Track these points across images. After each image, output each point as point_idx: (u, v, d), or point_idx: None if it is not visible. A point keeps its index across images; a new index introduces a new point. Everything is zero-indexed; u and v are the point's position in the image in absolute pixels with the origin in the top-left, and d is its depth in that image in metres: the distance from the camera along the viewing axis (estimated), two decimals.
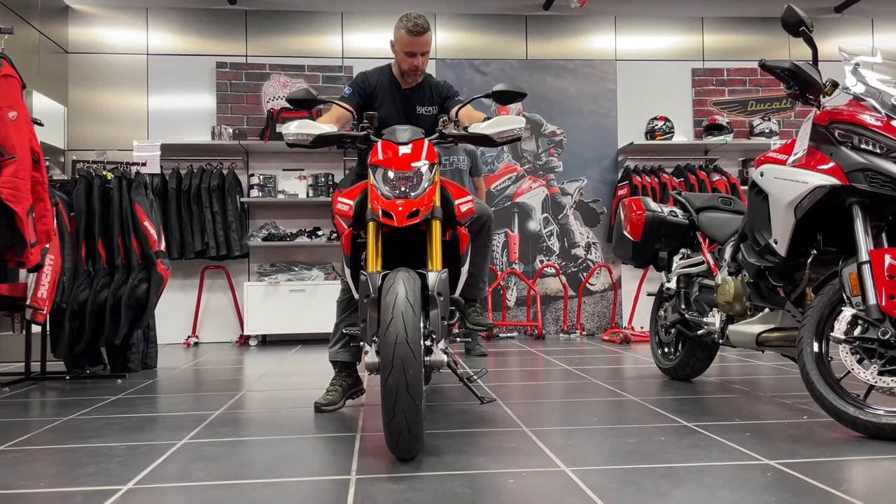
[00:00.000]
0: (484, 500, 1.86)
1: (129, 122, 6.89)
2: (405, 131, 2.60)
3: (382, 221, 2.44)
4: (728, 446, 2.40)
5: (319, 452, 2.44)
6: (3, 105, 2.80)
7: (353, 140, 2.77)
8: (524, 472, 2.11)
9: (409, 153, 2.52)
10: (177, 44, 7.01)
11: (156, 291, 4.25)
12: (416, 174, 2.48)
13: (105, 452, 2.45)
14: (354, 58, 7.10)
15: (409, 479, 2.06)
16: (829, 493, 1.87)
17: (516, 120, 2.73)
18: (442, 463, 2.24)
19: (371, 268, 2.42)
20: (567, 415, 3.02)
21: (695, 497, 1.85)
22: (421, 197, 2.45)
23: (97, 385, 4.09)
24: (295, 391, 3.83)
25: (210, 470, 2.20)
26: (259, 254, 6.88)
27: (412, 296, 2.18)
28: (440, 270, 2.39)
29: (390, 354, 2.08)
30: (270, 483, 2.05)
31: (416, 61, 3.21)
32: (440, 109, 3.35)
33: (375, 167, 2.53)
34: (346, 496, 1.91)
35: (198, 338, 6.76)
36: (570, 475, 2.07)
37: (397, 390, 2.08)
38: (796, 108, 7.46)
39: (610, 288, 7.20)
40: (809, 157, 2.76)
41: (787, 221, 2.78)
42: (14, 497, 1.97)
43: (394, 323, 2.11)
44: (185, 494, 1.96)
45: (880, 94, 2.73)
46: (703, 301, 3.63)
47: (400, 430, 2.13)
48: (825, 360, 2.64)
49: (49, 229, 3.09)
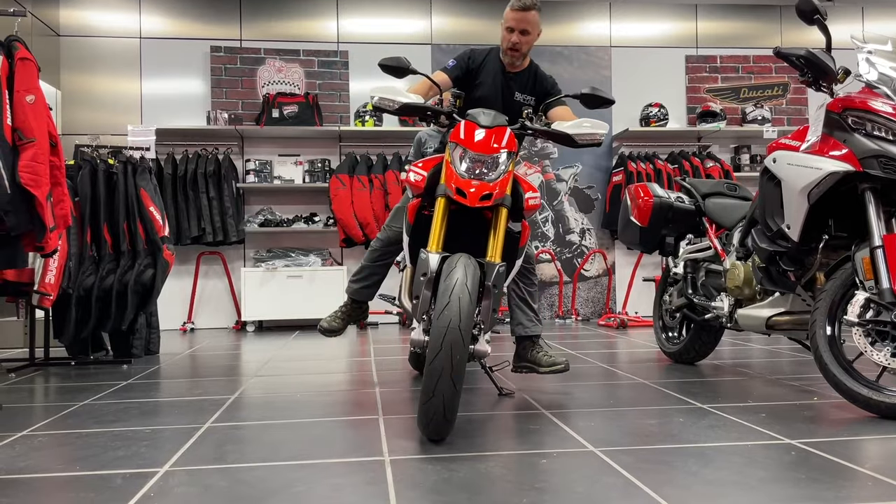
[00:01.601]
0: (521, 479, 1.90)
1: (123, 106, 6.81)
2: (489, 115, 2.60)
3: (455, 199, 2.45)
4: (747, 427, 2.45)
5: (347, 434, 2.46)
6: (20, 89, 2.77)
7: (435, 114, 2.76)
8: (555, 453, 2.15)
9: (491, 137, 2.53)
10: (170, 27, 6.94)
11: (162, 277, 4.24)
12: (493, 159, 2.50)
13: (130, 436, 2.46)
14: (350, 42, 7.08)
15: (444, 460, 2.09)
16: (855, 471, 1.92)
17: (601, 125, 2.74)
18: (472, 444, 2.28)
19: (432, 246, 2.43)
20: (582, 398, 3.07)
21: (726, 476, 1.90)
22: (496, 182, 2.47)
23: (103, 371, 4.08)
24: (305, 376, 3.85)
25: (242, 452, 2.22)
26: (255, 240, 6.86)
27: (471, 283, 2.20)
28: (499, 263, 2.40)
29: (441, 337, 2.10)
30: (306, 464, 2.07)
31: (512, 38, 3.17)
32: (539, 102, 3.25)
33: (455, 145, 2.55)
34: (384, 476, 1.94)
35: (193, 324, 6.74)
36: (601, 455, 2.11)
37: (441, 373, 2.10)
38: (788, 96, 7.54)
39: (604, 274, 7.26)
40: (823, 143, 2.81)
41: (800, 207, 2.83)
42: (53, 480, 1.98)
43: (449, 307, 2.13)
44: (224, 475, 1.97)
45: (892, 82, 2.78)
46: (711, 285, 3.69)
47: (436, 411, 2.16)
48: (838, 343, 2.70)
49: (67, 214, 3.06)
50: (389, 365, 4.14)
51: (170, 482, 1.92)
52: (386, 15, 7.15)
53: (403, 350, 4.90)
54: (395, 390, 3.31)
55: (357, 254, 6.89)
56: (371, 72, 7.06)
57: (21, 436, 2.50)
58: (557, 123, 2.80)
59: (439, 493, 1.79)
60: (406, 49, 7.04)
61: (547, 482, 1.86)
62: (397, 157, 6.76)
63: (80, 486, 1.90)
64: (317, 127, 6.71)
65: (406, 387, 3.41)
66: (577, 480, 1.88)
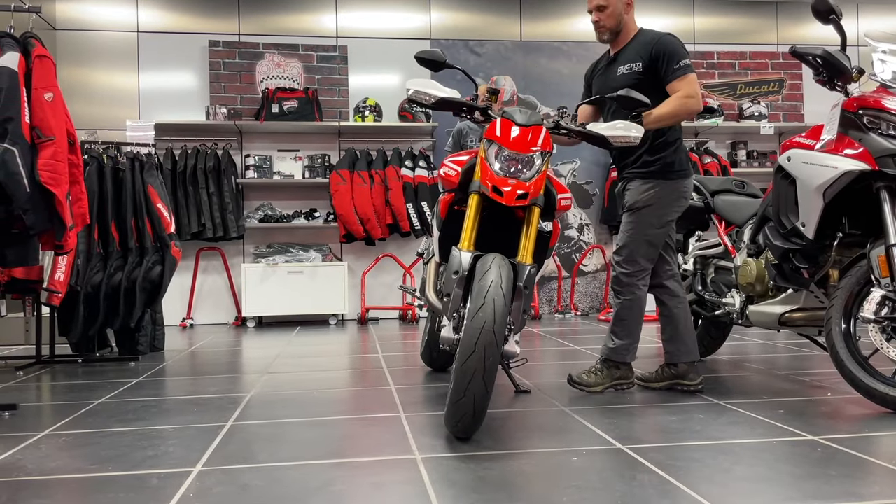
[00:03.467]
0: (557, 477, 1.92)
1: (120, 100, 6.76)
2: (525, 113, 2.60)
3: (490, 196, 2.45)
4: (768, 423, 2.48)
5: (372, 432, 2.47)
6: (38, 86, 2.74)
7: (470, 110, 2.76)
8: (584, 451, 2.17)
9: (527, 136, 2.53)
10: (167, 21, 6.88)
11: (170, 273, 4.22)
12: (528, 158, 2.50)
13: (156, 435, 2.46)
14: (349, 37, 7.05)
15: (476, 458, 2.11)
16: (884, 468, 1.96)
17: (636, 128, 2.76)
18: (499, 442, 2.30)
19: (465, 244, 2.43)
20: (599, 395, 3.09)
21: (759, 472, 1.93)
22: (532, 181, 2.48)
23: (110, 368, 4.06)
24: (316, 373, 3.85)
25: (273, 451, 2.23)
26: (254, 235, 6.84)
27: (505, 284, 2.21)
28: (531, 264, 2.41)
29: (475, 338, 2.11)
30: (341, 463, 2.09)
31: (592, 18, 3.18)
32: (647, 68, 3.03)
33: (490, 142, 2.55)
34: (419, 475, 1.95)
35: (193, 319, 6.71)
36: (630, 453, 2.14)
37: (473, 374, 2.11)
38: (784, 92, 7.59)
39: (602, 269, 7.30)
40: (838, 142, 2.84)
41: (815, 205, 2.86)
42: (88, 481, 1.98)
43: (484, 308, 2.13)
44: (260, 475, 1.98)
45: None
46: (721, 282, 3.72)
47: (465, 411, 2.17)
48: (854, 339, 2.74)
49: (85, 212, 3.04)
50: (399, 361, 4.15)
51: (206, 482, 1.92)
52: (385, 9, 7.13)
53: (408, 346, 4.91)
54: (411, 387, 3.32)
55: (357, 249, 6.89)
56: (370, 67, 7.07)
57: (44, 435, 2.49)
58: (592, 125, 2.81)
59: (478, 492, 1.80)
60: (405, 44, 7.03)
61: (583, 480, 1.88)
62: (397, 153, 6.76)
63: (117, 487, 1.90)
64: (317, 122, 6.69)
65: (421, 383, 3.43)
66: (613, 478, 1.90)
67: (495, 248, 2.45)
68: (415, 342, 5.10)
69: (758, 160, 7.45)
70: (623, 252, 3.18)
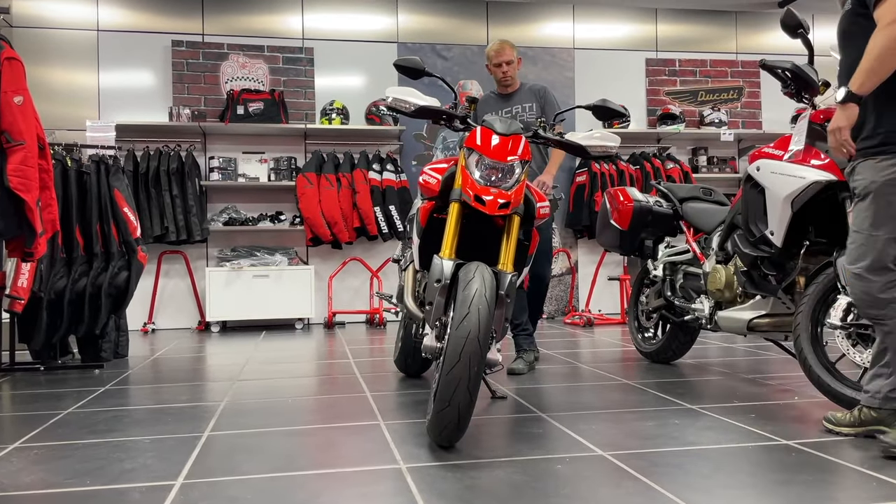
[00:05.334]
0: (545, 485, 1.94)
1: (79, 100, 6.60)
2: (505, 122, 2.61)
3: (473, 205, 2.46)
4: (742, 428, 2.54)
5: (354, 442, 2.46)
6: (8, 90, 2.67)
7: (450, 118, 2.78)
8: (567, 458, 2.20)
9: (507, 145, 2.54)
10: (129, 20, 6.75)
11: (136, 279, 4.15)
12: (509, 167, 2.52)
13: (131, 447, 2.41)
14: (315, 39, 7.00)
15: (461, 466, 2.12)
16: (858, 471, 2.02)
17: (613, 138, 2.83)
18: (482, 450, 2.31)
19: (446, 252, 2.44)
20: (574, 400, 3.13)
21: (740, 479, 1.98)
22: (513, 190, 2.49)
23: (73, 376, 3.97)
24: (290, 379, 3.81)
25: (255, 462, 2.20)
26: (218, 238, 6.73)
27: (489, 293, 2.22)
28: (512, 273, 2.42)
29: (460, 347, 2.12)
30: (326, 473, 2.07)
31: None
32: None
33: (470, 150, 2.56)
34: (406, 485, 1.95)
35: (155, 324, 6.59)
36: (612, 459, 2.17)
37: (458, 383, 2.12)
38: (742, 100, 7.77)
39: (568, 272, 7.37)
40: (806, 153, 2.92)
41: (783, 214, 2.94)
42: (68, 496, 1.93)
43: (469, 318, 2.14)
44: (245, 487, 1.96)
45: None
46: (689, 288, 3.80)
47: (450, 420, 2.18)
48: (821, 345, 2.82)
49: (55, 218, 2.97)
50: (371, 367, 4.13)
51: (191, 495, 1.89)
52: (352, 12, 7.10)
53: (378, 351, 4.90)
54: (387, 394, 3.31)
55: (324, 253, 6.85)
56: (337, 69, 7.03)
57: (15, 448, 2.43)
58: (570, 134, 2.85)
59: (467, 502, 1.81)
60: (372, 47, 7.02)
61: (571, 488, 1.91)
62: (364, 156, 6.73)
63: (98, 502, 1.86)
64: (283, 124, 6.63)
65: (396, 390, 3.42)
66: (599, 486, 1.93)
67: (475, 256, 2.47)
68: (383, 347, 5.09)
69: (718, 166, 7.61)
70: (866, 257, 2.31)
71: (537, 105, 3.92)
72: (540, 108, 3.91)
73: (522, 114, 3.90)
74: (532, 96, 3.95)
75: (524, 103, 3.94)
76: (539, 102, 3.92)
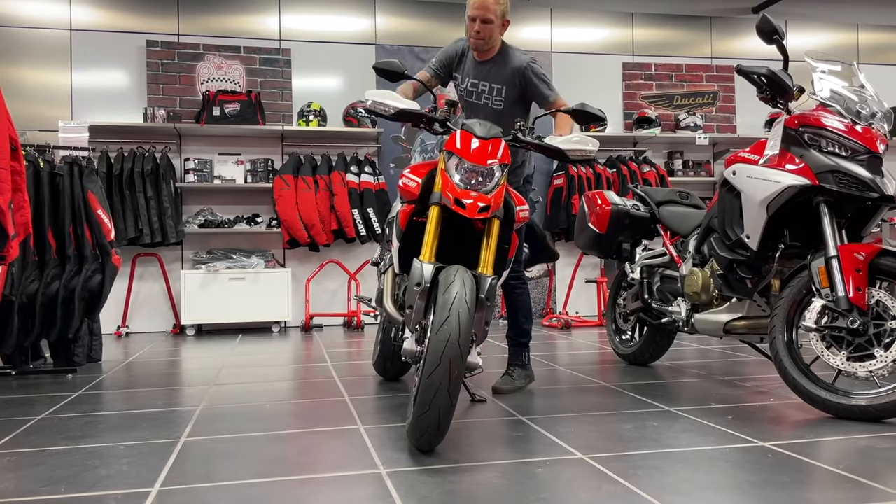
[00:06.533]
0: (524, 490, 1.94)
1: (52, 100, 6.50)
2: (485, 126, 2.61)
3: (453, 209, 2.45)
4: (719, 430, 2.56)
5: (333, 446, 2.45)
6: None
7: (430, 122, 2.76)
8: (547, 462, 2.20)
9: (487, 149, 2.54)
10: (103, 20, 6.66)
11: (110, 282, 4.09)
12: (489, 170, 2.52)
13: (106, 453, 2.38)
14: (293, 40, 6.96)
15: (441, 471, 2.11)
16: (833, 473, 2.05)
17: (592, 141, 2.83)
18: (462, 454, 2.30)
19: (426, 256, 2.43)
20: (553, 403, 3.13)
21: (718, 481, 1.99)
22: (493, 194, 2.49)
23: (46, 381, 3.91)
24: (267, 384, 3.78)
25: (233, 468, 2.18)
26: (194, 241, 6.67)
27: (469, 297, 2.21)
28: (492, 276, 2.42)
29: (440, 351, 2.11)
30: (306, 479, 2.06)
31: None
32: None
33: (450, 154, 2.55)
34: (386, 490, 1.94)
35: (129, 328, 6.50)
36: (592, 462, 2.17)
37: (439, 387, 2.11)
38: (717, 104, 7.85)
39: (545, 274, 7.40)
40: (781, 157, 2.96)
41: (759, 218, 2.98)
42: None
43: (449, 321, 2.13)
44: (224, 494, 1.93)
45: (844, 100, 2.96)
46: (666, 290, 3.83)
47: (430, 424, 2.17)
48: (796, 347, 2.86)
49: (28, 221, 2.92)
50: (350, 370, 4.11)
51: (168, 503, 1.87)
52: (329, 13, 7.07)
53: (356, 354, 4.88)
54: (366, 398, 3.30)
55: (301, 255, 6.81)
56: (315, 70, 7.00)
57: None
58: (549, 138, 2.85)
59: None
60: (350, 48, 7.00)
61: (550, 492, 1.91)
62: (342, 158, 6.70)
63: None
64: (259, 126, 6.58)
65: (375, 393, 3.41)
66: (579, 489, 1.93)
67: (455, 259, 2.47)
68: (362, 350, 5.07)
69: (693, 169, 7.68)
70: None
71: (510, 89, 3.29)
72: (516, 92, 3.30)
73: (489, 96, 3.33)
74: (506, 76, 3.29)
75: (494, 83, 3.31)
76: (514, 86, 3.29)
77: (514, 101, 3.34)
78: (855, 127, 2.85)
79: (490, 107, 3.35)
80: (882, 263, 2.67)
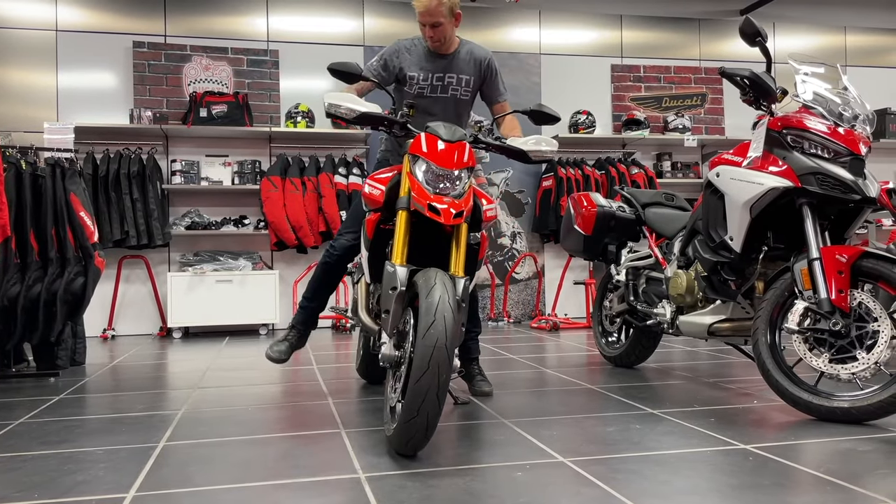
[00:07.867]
0: (503, 493, 1.92)
1: (37, 101, 6.46)
2: (450, 129, 2.59)
3: (427, 215, 2.43)
4: (701, 433, 2.56)
5: (313, 451, 2.42)
6: None
7: (391, 125, 2.73)
8: (528, 465, 2.18)
9: (453, 153, 2.52)
10: (89, 20, 6.62)
11: (93, 285, 4.05)
12: (457, 174, 2.50)
13: (83, 458, 2.35)
14: (280, 41, 6.94)
15: (420, 475, 2.09)
16: (813, 476, 2.04)
17: (552, 143, 2.86)
18: (443, 457, 2.29)
19: (397, 259, 2.41)
20: (537, 405, 3.12)
21: (698, 484, 1.98)
22: (463, 198, 2.47)
23: (27, 385, 3.87)
24: (250, 387, 3.76)
25: (210, 473, 2.16)
26: (181, 243, 6.63)
27: (451, 299, 2.19)
28: (465, 277, 2.41)
29: (428, 356, 2.08)
30: (282, 484, 2.04)
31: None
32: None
33: (416, 158, 2.53)
34: (364, 495, 1.93)
35: (115, 330, 6.47)
36: (572, 466, 2.16)
37: (427, 392, 2.09)
38: (706, 106, 7.87)
39: (534, 276, 7.39)
40: (764, 160, 2.96)
41: (742, 220, 2.98)
42: None
43: (436, 325, 2.11)
44: (200, 499, 1.91)
45: (826, 102, 2.96)
46: (652, 292, 3.82)
47: (417, 430, 2.15)
48: (779, 350, 2.85)
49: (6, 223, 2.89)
50: (335, 374, 4.09)
51: None
52: (317, 14, 7.05)
53: (342, 357, 4.86)
54: (350, 401, 3.28)
55: (288, 257, 6.79)
56: (303, 71, 6.98)
57: None
58: (511, 139, 2.86)
59: None
60: (338, 50, 6.97)
61: (529, 496, 1.89)
62: (330, 160, 6.68)
63: None
64: (247, 127, 6.55)
65: (358, 397, 3.39)
66: (559, 494, 1.92)
67: (423, 262, 2.45)
68: (348, 353, 5.05)
69: (682, 171, 7.69)
70: None
71: (476, 79, 3.36)
72: (479, 83, 3.37)
73: (457, 87, 3.33)
74: (472, 67, 3.33)
75: (461, 74, 3.32)
76: (479, 77, 3.36)
77: (475, 92, 3.42)
78: (837, 129, 2.85)
79: (458, 97, 3.37)
80: (864, 265, 2.66)
